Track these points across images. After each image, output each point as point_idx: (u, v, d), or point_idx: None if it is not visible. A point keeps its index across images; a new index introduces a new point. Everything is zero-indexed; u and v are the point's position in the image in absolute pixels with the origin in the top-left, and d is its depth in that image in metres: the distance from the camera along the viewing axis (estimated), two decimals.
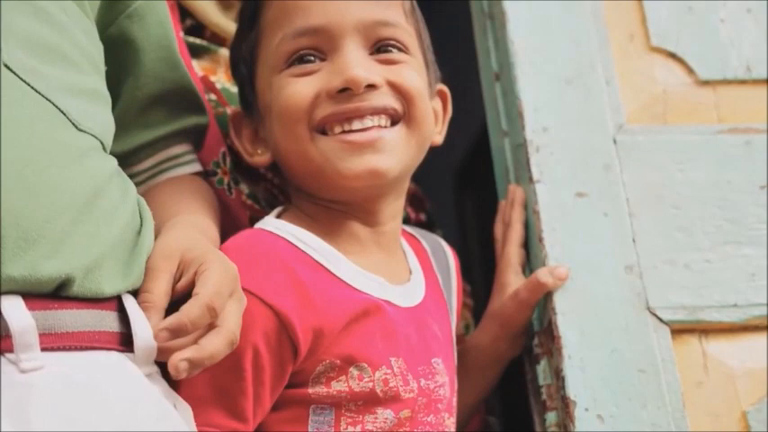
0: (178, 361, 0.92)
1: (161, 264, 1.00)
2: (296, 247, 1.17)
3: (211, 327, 0.97)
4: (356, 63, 1.17)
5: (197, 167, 1.25)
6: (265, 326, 1.09)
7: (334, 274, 1.18)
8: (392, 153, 1.18)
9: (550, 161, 1.37)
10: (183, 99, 1.22)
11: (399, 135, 1.19)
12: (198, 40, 1.44)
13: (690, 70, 1.46)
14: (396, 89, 1.19)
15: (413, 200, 1.57)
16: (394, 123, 1.20)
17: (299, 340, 1.10)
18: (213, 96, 1.37)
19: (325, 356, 1.13)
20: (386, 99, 1.19)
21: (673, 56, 1.47)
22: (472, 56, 1.55)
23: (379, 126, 1.18)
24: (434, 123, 1.28)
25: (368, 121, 1.18)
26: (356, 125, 1.17)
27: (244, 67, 1.26)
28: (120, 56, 1.12)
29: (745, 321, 1.33)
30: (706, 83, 1.46)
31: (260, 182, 1.38)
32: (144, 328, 0.95)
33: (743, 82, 1.46)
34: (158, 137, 1.20)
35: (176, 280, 0.99)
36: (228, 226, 1.29)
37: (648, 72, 1.46)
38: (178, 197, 1.17)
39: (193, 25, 1.45)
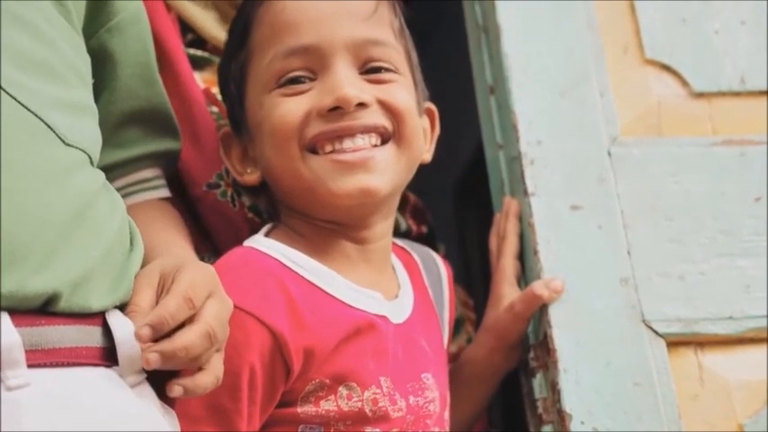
0: (149, 352, 0.92)
1: (142, 281, 1.00)
2: (286, 267, 1.17)
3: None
4: (347, 82, 1.18)
5: (166, 193, 1.26)
6: (261, 345, 1.09)
7: (328, 293, 1.18)
8: (383, 172, 1.18)
9: (545, 174, 1.37)
10: (158, 120, 1.23)
11: (390, 154, 1.20)
12: (199, 52, 1.44)
13: (684, 82, 1.46)
14: (386, 108, 1.20)
15: (414, 212, 1.58)
16: (384, 142, 1.20)
17: (293, 360, 1.11)
18: (215, 108, 1.37)
19: (315, 376, 1.13)
20: (376, 117, 1.19)
21: (667, 68, 1.47)
22: (471, 70, 1.55)
23: (370, 145, 1.18)
24: (423, 141, 1.28)
25: (359, 140, 1.18)
26: (347, 144, 1.17)
27: (233, 86, 1.26)
28: (97, 69, 1.12)
29: (740, 334, 1.33)
30: (700, 95, 1.46)
31: (261, 194, 1.38)
32: (126, 334, 0.95)
33: (737, 94, 1.46)
34: (130, 158, 1.20)
35: (159, 295, 0.99)
36: (231, 239, 1.29)
37: (643, 84, 1.46)
38: (151, 223, 1.16)
39: (195, 39, 1.45)
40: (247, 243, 1.22)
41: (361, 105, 1.18)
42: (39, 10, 1.02)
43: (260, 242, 1.21)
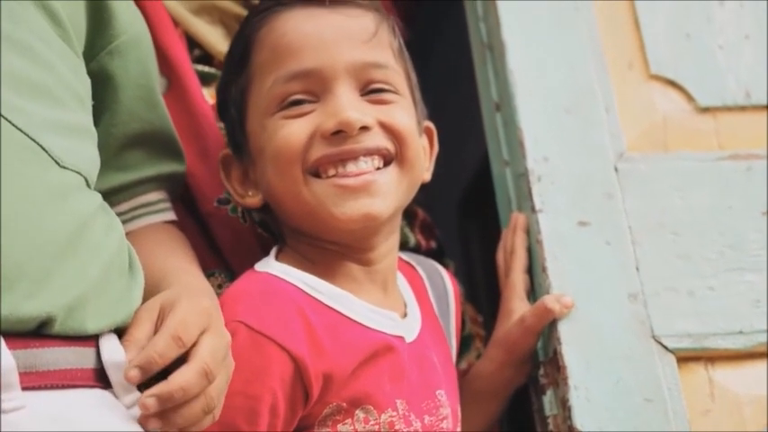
0: (146, 397, 0.92)
1: (142, 314, 1.00)
2: (304, 292, 1.18)
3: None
4: (349, 105, 1.18)
5: (171, 216, 1.25)
6: (282, 371, 1.10)
7: (347, 316, 1.18)
8: (385, 196, 1.19)
9: (552, 190, 1.37)
10: (160, 143, 1.23)
11: (392, 176, 1.20)
12: (206, 68, 1.44)
13: (689, 97, 1.47)
14: (387, 130, 1.20)
15: (423, 227, 1.58)
16: (386, 164, 1.21)
17: (312, 386, 1.11)
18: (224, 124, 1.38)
19: (333, 399, 1.14)
20: (378, 140, 1.20)
21: (672, 83, 1.47)
22: (473, 87, 1.55)
23: (373, 168, 1.19)
24: (424, 162, 1.29)
25: (362, 163, 1.18)
26: (350, 167, 1.18)
27: (234, 110, 1.26)
28: (98, 92, 1.12)
29: (750, 348, 1.33)
30: (706, 109, 1.46)
31: (270, 210, 1.38)
32: (115, 359, 0.95)
33: (743, 108, 1.47)
34: (134, 180, 1.20)
35: (158, 328, 0.99)
36: (241, 255, 1.30)
37: (648, 99, 1.46)
38: (157, 247, 1.16)
39: (202, 55, 1.46)
40: (261, 268, 1.22)
41: (364, 128, 1.18)
42: (35, 32, 1.02)
43: (274, 267, 1.21)
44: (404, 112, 1.23)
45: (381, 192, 1.19)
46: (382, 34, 1.24)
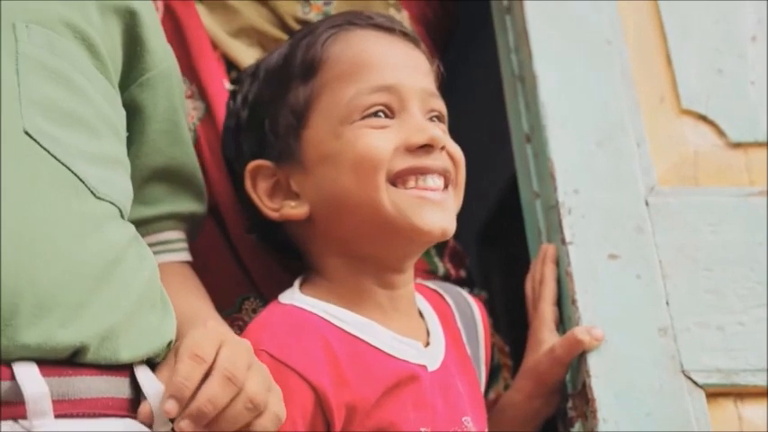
0: (179, 421, 0.93)
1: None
2: (329, 322, 1.19)
3: None
4: (430, 124, 1.24)
5: (187, 257, 1.25)
6: (303, 401, 1.10)
7: (371, 344, 1.19)
8: (452, 214, 1.24)
9: (582, 223, 1.37)
10: (182, 180, 1.22)
11: (451, 198, 1.25)
12: None
13: (720, 132, 1.47)
14: (449, 155, 1.25)
15: (453, 256, 1.58)
16: (445, 186, 1.24)
17: (334, 417, 1.12)
18: None
19: (358, 429, 1.14)
20: (447, 162, 1.24)
21: (703, 118, 1.47)
22: (494, 117, 1.55)
23: (441, 188, 1.23)
24: None
25: (437, 179, 1.23)
26: (429, 181, 1.22)
27: (292, 117, 1.25)
28: (127, 123, 1.13)
29: None
30: (737, 145, 1.46)
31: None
32: (155, 389, 0.96)
33: None
34: (153, 216, 1.20)
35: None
36: (272, 282, 1.31)
37: (679, 134, 1.47)
38: (170, 285, 1.13)
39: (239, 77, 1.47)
40: (285, 300, 1.23)
41: (442, 148, 1.23)
42: (75, 64, 1.03)
43: (298, 299, 1.22)
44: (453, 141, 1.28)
45: (449, 209, 1.23)
46: (433, 72, 1.31)
